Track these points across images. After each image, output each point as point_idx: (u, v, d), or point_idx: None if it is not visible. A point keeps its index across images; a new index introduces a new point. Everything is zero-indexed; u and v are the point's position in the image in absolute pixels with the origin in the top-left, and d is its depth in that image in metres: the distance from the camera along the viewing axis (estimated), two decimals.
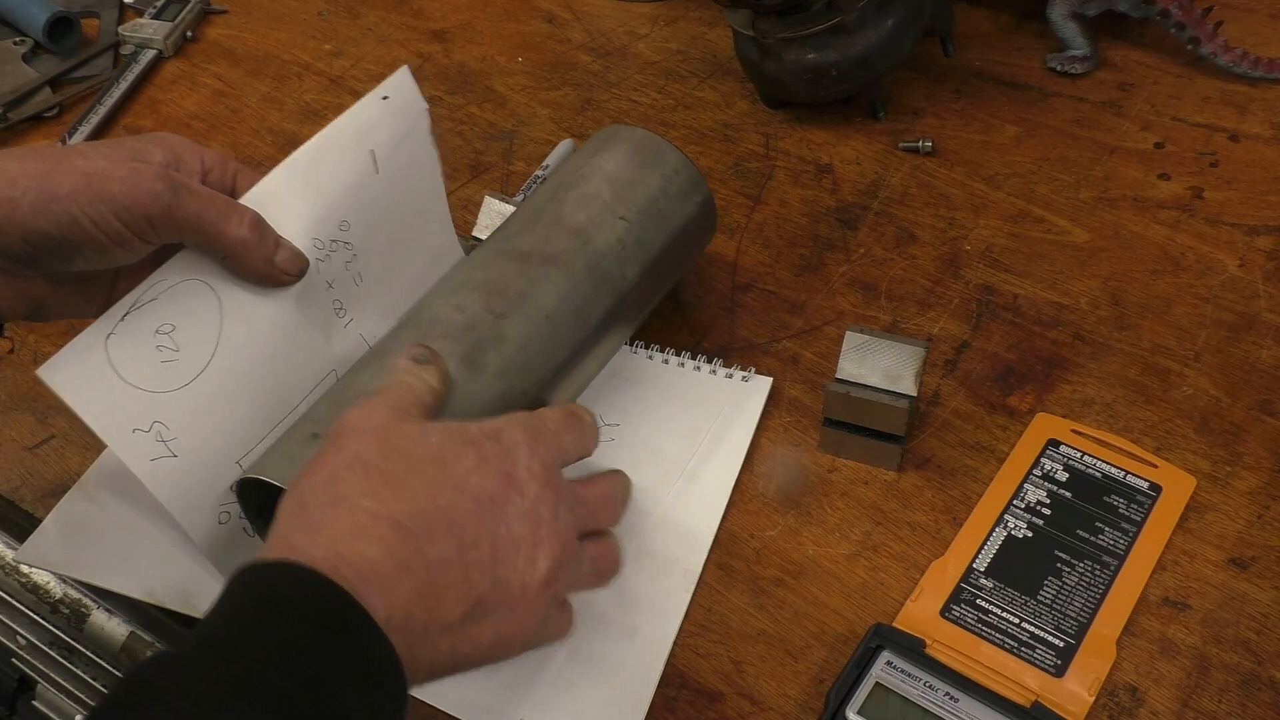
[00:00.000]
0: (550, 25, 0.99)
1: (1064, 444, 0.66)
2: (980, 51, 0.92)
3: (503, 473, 0.50)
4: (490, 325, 0.60)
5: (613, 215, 0.65)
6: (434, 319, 0.60)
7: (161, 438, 0.55)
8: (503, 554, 0.49)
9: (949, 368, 0.71)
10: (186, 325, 0.57)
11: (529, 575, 0.50)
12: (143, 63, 0.97)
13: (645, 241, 0.66)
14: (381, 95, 0.62)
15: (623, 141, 0.69)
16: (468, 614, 0.48)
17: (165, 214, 0.54)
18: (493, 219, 0.74)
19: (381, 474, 0.48)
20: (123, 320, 0.55)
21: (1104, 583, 0.60)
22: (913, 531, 0.64)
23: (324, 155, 0.60)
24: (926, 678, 0.56)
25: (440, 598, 0.47)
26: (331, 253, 0.60)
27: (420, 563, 0.47)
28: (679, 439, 0.67)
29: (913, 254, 0.78)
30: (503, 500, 0.50)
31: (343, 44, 0.99)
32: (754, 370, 0.70)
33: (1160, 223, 0.78)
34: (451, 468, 0.50)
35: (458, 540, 0.48)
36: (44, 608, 0.67)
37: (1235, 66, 0.86)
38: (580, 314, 0.63)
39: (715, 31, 0.96)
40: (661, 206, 0.67)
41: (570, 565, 0.52)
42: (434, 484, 0.49)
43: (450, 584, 0.47)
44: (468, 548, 0.48)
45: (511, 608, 0.50)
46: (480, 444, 0.51)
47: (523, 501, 0.50)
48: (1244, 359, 0.70)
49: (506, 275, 0.62)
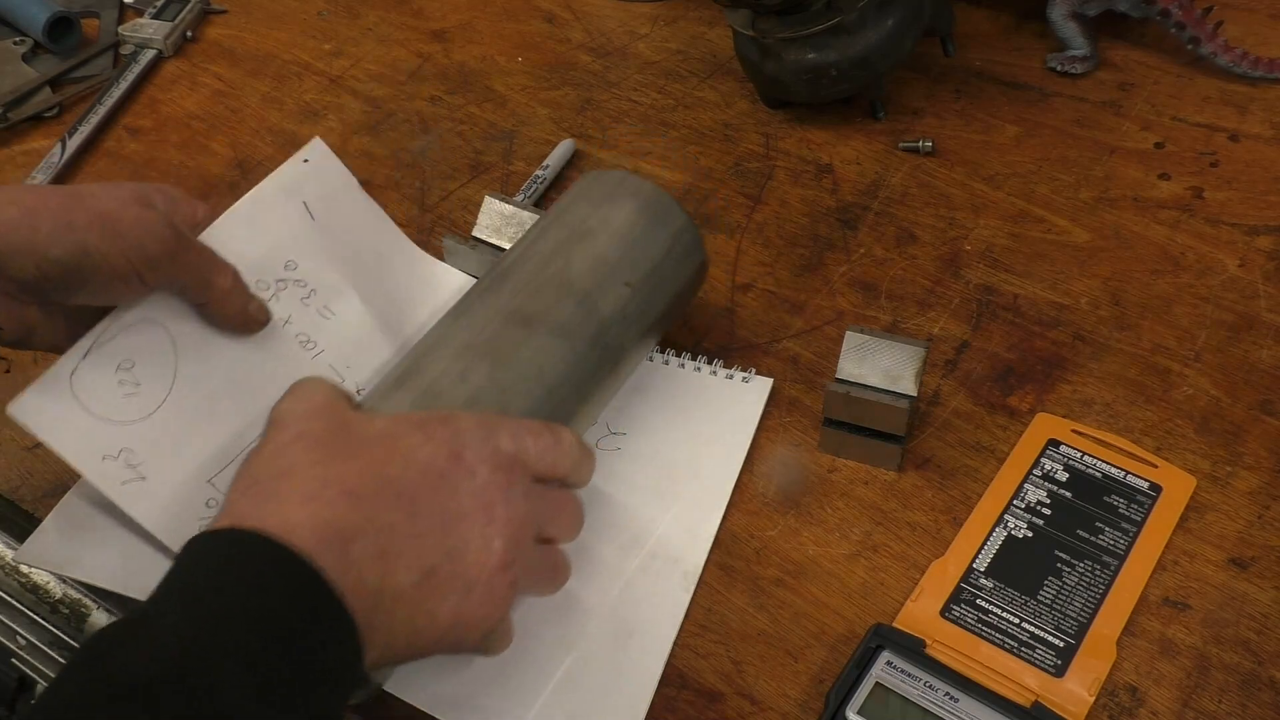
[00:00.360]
0: (550, 25, 0.99)
1: (1064, 444, 0.66)
2: (980, 51, 0.92)
3: (452, 452, 0.51)
4: (495, 400, 0.58)
5: (619, 281, 0.64)
6: (438, 390, 0.59)
7: (130, 463, 0.59)
8: (454, 528, 0.50)
9: (949, 368, 0.71)
10: (144, 361, 0.61)
11: (484, 556, 0.50)
12: (143, 63, 0.97)
13: (647, 309, 0.65)
14: (302, 159, 0.68)
15: (631, 196, 0.67)
16: (421, 583, 0.48)
17: (169, 259, 0.58)
18: (493, 219, 0.74)
19: (328, 446, 0.49)
20: (85, 358, 0.59)
21: (1104, 583, 0.60)
22: (913, 531, 0.64)
23: (258, 208, 0.65)
24: (926, 678, 0.56)
25: (392, 562, 0.47)
26: (280, 291, 0.65)
27: (370, 526, 0.47)
28: (680, 440, 0.67)
29: (913, 254, 0.78)
30: (452, 476, 0.50)
31: (343, 44, 0.99)
32: (754, 371, 0.70)
33: (1160, 223, 0.78)
34: (399, 442, 0.50)
35: (407, 508, 0.49)
36: (44, 608, 0.67)
37: (1235, 66, 0.86)
38: (581, 386, 0.62)
39: (715, 31, 0.96)
40: (665, 271, 0.66)
41: (526, 555, 0.52)
42: (382, 456, 0.49)
43: (401, 549, 0.48)
44: (417, 516, 0.49)
45: (469, 589, 0.50)
46: (428, 426, 0.51)
47: (472, 481, 0.51)
48: (1244, 359, 0.70)
49: (513, 344, 0.60)
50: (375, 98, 0.94)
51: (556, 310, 0.62)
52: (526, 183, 0.83)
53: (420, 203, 0.85)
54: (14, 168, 0.90)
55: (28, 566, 0.67)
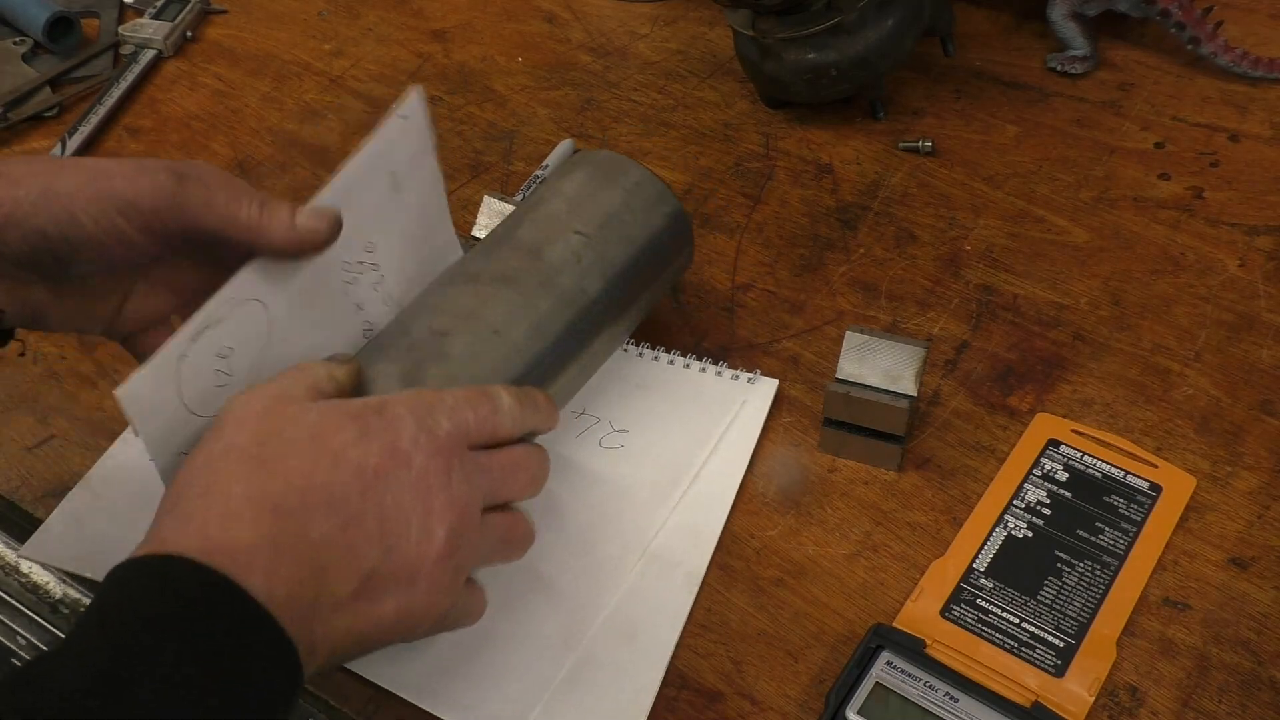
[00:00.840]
0: (550, 25, 0.99)
1: (1064, 444, 0.66)
2: (980, 51, 0.92)
3: (386, 445, 0.50)
4: (432, 343, 0.59)
5: (567, 230, 0.64)
6: (378, 345, 0.59)
7: None
8: (391, 525, 0.49)
9: (949, 368, 0.71)
10: (241, 349, 0.56)
11: (425, 546, 0.49)
12: (143, 63, 0.97)
13: (607, 255, 0.64)
14: (400, 115, 0.61)
15: (585, 164, 0.68)
16: (360, 590, 0.48)
17: (171, 204, 0.52)
18: (492, 219, 0.74)
19: (254, 459, 0.48)
20: (195, 342, 0.53)
21: (1104, 583, 0.60)
22: (913, 531, 0.64)
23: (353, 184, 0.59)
24: (926, 678, 0.56)
25: (326, 575, 0.47)
26: (359, 274, 0.60)
27: (300, 542, 0.46)
28: (684, 441, 0.67)
29: (913, 254, 0.78)
30: (386, 472, 0.49)
31: (343, 44, 0.99)
32: (758, 372, 0.70)
33: (1160, 223, 0.78)
34: (329, 442, 0.49)
35: (339, 515, 0.48)
36: (44, 608, 0.67)
37: (1235, 66, 0.86)
38: (537, 328, 0.61)
39: (715, 31, 0.96)
40: (625, 219, 0.66)
41: (471, 536, 0.51)
42: (310, 461, 0.48)
43: (335, 560, 0.47)
44: (350, 523, 0.48)
45: (411, 581, 0.49)
46: (363, 417, 0.50)
47: (408, 473, 0.50)
48: (1244, 359, 0.70)
49: (455, 297, 0.61)
50: (375, 98, 0.94)
51: (500, 265, 0.62)
52: (526, 183, 0.83)
53: None
54: None
55: (28, 566, 0.67)
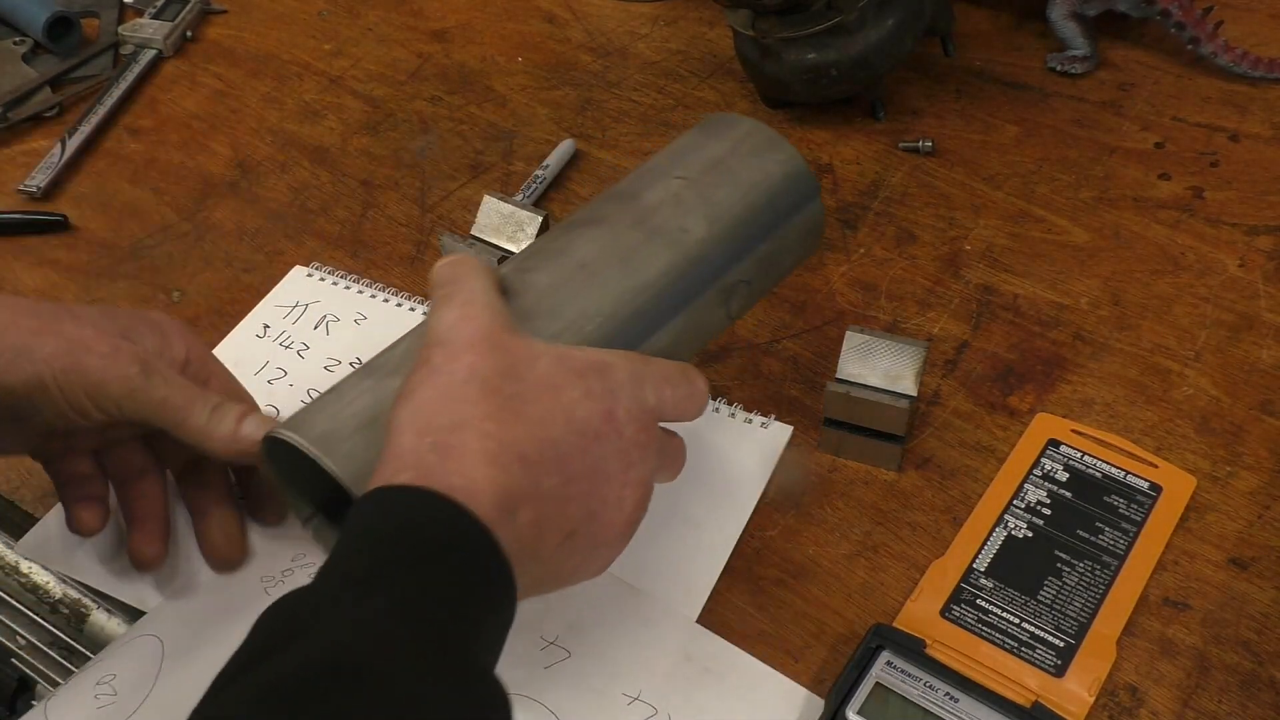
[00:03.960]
0: (550, 25, 0.99)
1: (1064, 444, 0.66)
2: (980, 51, 0.92)
3: (604, 410, 0.50)
4: (516, 279, 0.55)
5: (667, 176, 0.59)
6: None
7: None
8: (597, 490, 0.49)
9: (949, 368, 0.71)
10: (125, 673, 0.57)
11: (616, 515, 0.50)
12: (143, 63, 0.97)
13: (709, 196, 0.58)
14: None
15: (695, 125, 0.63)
16: (561, 545, 0.48)
17: (131, 396, 0.55)
18: (492, 219, 0.74)
19: (500, 396, 0.47)
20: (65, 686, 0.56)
21: (1104, 583, 0.60)
22: (913, 531, 0.64)
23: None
24: (926, 678, 0.56)
25: (544, 530, 0.47)
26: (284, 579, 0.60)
27: (534, 495, 0.47)
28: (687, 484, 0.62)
29: (913, 254, 0.78)
30: (602, 437, 0.50)
31: (343, 44, 0.99)
32: (774, 416, 0.68)
33: (1160, 223, 0.78)
34: (560, 396, 0.49)
35: (563, 474, 0.48)
36: (44, 608, 0.67)
37: (1235, 66, 0.86)
38: (627, 263, 0.56)
39: (715, 31, 0.96)
40: (731, 165, 0.59)
41: (644, 512, 0.52)
42: (547, 412, 0.48)
43: (553, 516, 0.48)
44: (570, 481, 0.48)
45: (597, 546, 0.50)
46: (587, 377, 0.50)
47: (619, 441, 0.50)
48: (1244, 359, 0.70)
49: (543, 241, 0.58)
50: (375, 98, 0.94)
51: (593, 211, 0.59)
52: (526, 182, 0.83)
53: (420, 203, 0.85)
54: (14, 168, 0.90)
55: (28, 566, 0.67)
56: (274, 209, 0.86)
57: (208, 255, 0.82)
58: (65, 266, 0.82)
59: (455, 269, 0.52)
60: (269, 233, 0.84)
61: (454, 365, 0.48)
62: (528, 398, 0.48)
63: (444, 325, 0.50)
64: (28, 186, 0.87)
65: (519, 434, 0.47)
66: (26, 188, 0.87)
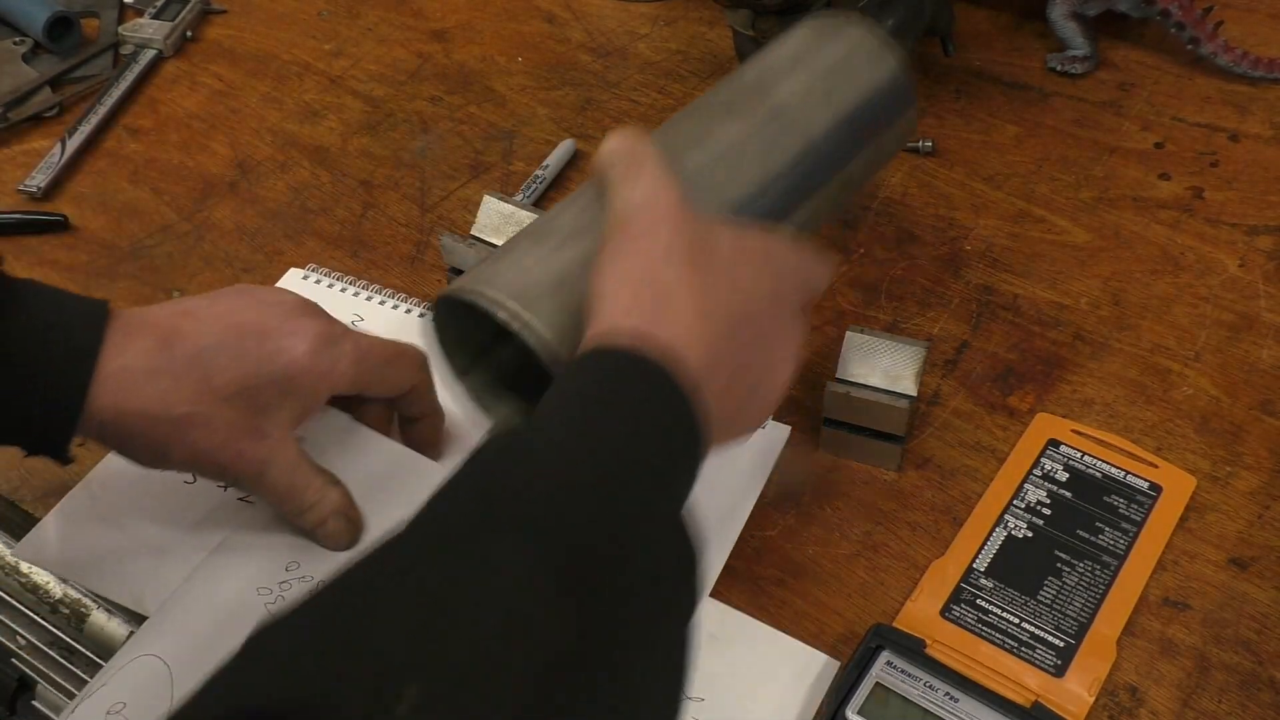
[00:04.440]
0: (550, 25, 0.99)
1: (1064, 444, 0.66)
2: (980, 51, 0.92)
3: (774, 287, 0.53)
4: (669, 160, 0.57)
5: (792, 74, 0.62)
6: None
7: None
8: (767, 361, 0.52)
9: (949, 368, 0.71)
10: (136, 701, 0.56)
11: (773, 393, 0.53)
12: (143, 63, 0.97)
13: (831, 95, 0.62)
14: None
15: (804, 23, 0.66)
16: (731, 413, 0.51)
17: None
18: (492, 219, 0.74)
19: (696, 269, 0.50)
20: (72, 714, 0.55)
21: (1104, 583, 0.60)
22: (913, 531, 0.64)
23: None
24: (926, 678, 0.56)
25: (724, 398, 0.49)
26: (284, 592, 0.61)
27: (724, 366, 0.49)
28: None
29: (913, 254, 0.78)
30: (773, 313, 0.52)
31: (343, 44, 0.99)
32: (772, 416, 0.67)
33: (1160, 223, 0.78)
34: (743, 270, 0.51)
35: (743, 346, 0.51)
36: (44, 608, 0.67)
37: (1235, 66, 0.86)
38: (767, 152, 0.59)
39: (715, 31, 0.96)
40: (849, 66, 0.63)
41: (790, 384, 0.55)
42: (732, 286, 0.51)
43: (732, 386, 0.50)
44: (749, 349, 0.51)
45: (759, 408, 0.53)
46: (760, 253, 0.53)
47: (786, 316, 0.53)
48: (1244, 359, 0.70)
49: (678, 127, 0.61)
50: (375, 98, 0.94)
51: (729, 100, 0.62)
52: (526, 182, 0.83)
53: (420, 203, 0.85)
54: (14, 167, 0.90)
55: (28, 566, 0.67)
56: (274, 209, 0.86)
57: (207, 255, 0.82)
58: (65, 266, 0.82)
59: (634, 144, 0.53)
60: (269, 233, 0.84)
61: (654, 235, 0.50)
62: (717, 271, 0.50)
63: (638, 197, 0.51)
64: (28, 186, 0.87)
65: (714, 306, 0.49)
66: (26, 188, 0.87)
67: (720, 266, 0.50)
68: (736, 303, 0.50)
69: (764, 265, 0.53)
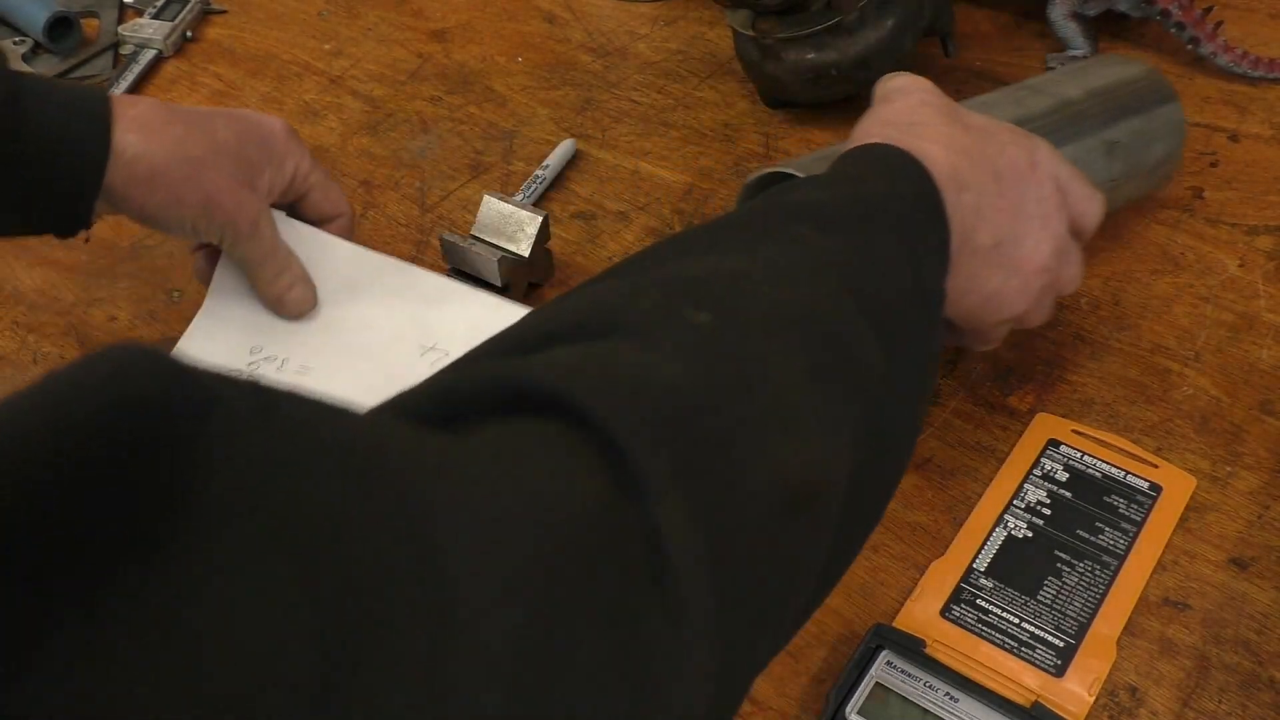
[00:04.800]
0: (550, 25, 0.99)
1: (1064, 444, 0.66)
2: (980, 51, 0.92)
3: (1030, 159, 0.57)
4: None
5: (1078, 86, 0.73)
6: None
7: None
8: (1022, 217, 0.56)
9: (949, 368, 0.71)
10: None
11: (1034, 253, 0.56)
12: (143, 63, 0.97)
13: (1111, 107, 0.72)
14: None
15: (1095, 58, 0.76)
16: (990, 249, 0.54)
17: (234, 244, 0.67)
18: (492, 219, 0.74)
19: (947, 114, 0.56)
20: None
21: (1104, 583, 0.60)
22: (913, 531, 0.64)
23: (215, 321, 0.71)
24: (926, 678, 0.56)
25: (979, 220, 0.54)
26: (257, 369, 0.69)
27: (975, 184, 0.54)
28: None
29: None
30: (1025, 178, 0.57)
31: (343, 44, 0.99)
32: None
33: (1160, 223, 0.78)
34: (996, 134, 0.57)
35: (998, 184, 0.55)
36: None
37: (1235, 66, 0.86)
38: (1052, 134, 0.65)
39: (715, 31, 0.96)
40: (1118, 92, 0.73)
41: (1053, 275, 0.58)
42: (982, 138, 0.56)
43: (987, 214, 0.54)
44: (1002, 193, 0.55)
45: (1014, 273, 0.56)
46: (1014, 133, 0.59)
47: (1042, 189, 0.57)
48: (1244, 359, 0.70)
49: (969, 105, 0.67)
50: (375, 98, 0.94)
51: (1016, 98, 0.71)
52: (526, 182, 0.83)
53: (420, 203, 0.85)
54: None
55: None
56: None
57: None
58: (65, 266, 0.82)
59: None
60: None
61: (908, 95, 0.58)
62: (969, 124, 0.57)
63: (898, 81, 0.59)
64: None
65: (964, 138, 0.55)
66: None
67: (971, 126, 0.56)
68: (988, 150, 0.55)
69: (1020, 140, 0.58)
